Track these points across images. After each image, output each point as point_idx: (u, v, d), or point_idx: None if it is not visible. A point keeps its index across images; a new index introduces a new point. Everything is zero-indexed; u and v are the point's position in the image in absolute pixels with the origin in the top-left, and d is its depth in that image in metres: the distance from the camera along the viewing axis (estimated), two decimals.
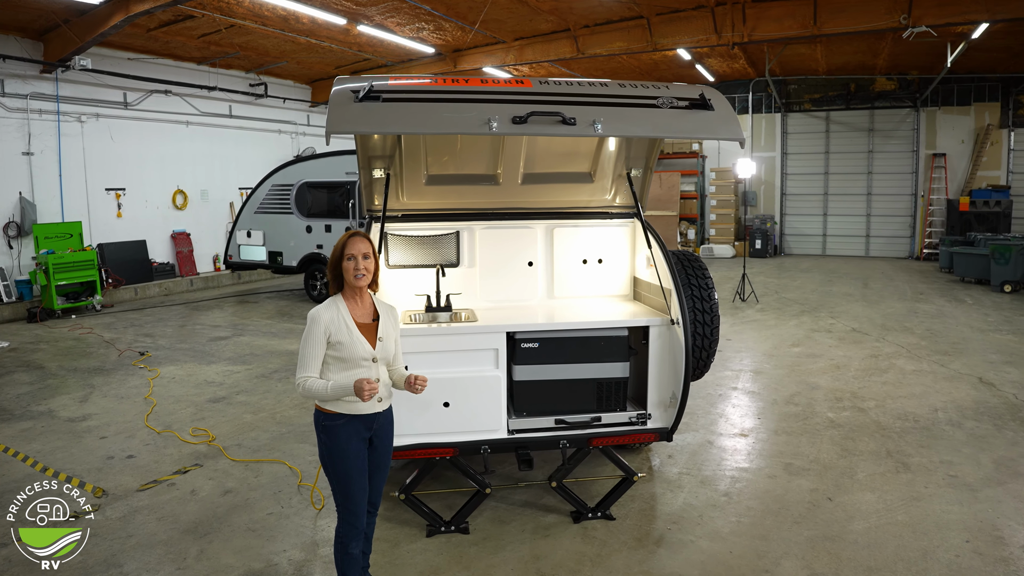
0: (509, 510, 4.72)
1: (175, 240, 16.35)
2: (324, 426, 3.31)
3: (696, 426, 6.38)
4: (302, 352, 3.23)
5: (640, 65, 18.57)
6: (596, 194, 5.12)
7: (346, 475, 3.32)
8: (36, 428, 6.71)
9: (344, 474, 3.32)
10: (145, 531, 4.60)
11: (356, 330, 3.29)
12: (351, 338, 3.27)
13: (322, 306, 3.31)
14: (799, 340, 9.81)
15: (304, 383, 3.20)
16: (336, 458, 3.31)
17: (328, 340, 3.24)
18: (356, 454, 3.33)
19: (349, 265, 3.27)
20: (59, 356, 9.66)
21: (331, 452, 3.31)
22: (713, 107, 3.51)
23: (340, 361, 3.27)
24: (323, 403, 3.30)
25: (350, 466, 3.32)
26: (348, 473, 3.32)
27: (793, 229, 21.24)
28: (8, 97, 12.68)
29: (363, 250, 3.29)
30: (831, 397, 7.17)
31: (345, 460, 3.31)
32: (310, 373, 3.22)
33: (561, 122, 3.23)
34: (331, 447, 3.31)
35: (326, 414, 3.30)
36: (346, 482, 3.33)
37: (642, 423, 4.44)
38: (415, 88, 3.32)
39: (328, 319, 3.25)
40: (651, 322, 4.42)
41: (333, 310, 3.29)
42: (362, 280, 3.30)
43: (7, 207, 12.86)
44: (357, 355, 3.27)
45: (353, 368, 3.28)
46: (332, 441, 3.30)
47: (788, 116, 20.80)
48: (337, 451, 3.30)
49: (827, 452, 5.69)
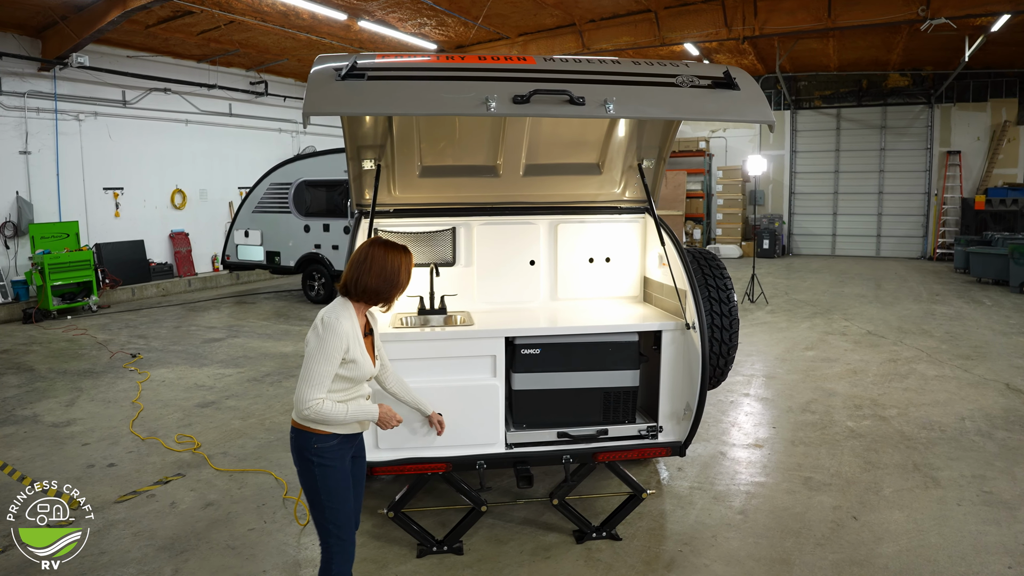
0: (507, 528, 4.39)
1: (173, 240, 16.08)
2: (318, 449, 2.85)
3: (707, 436, 6.03)
4: (315, 368, 2.74)
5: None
6: (604, 187, 4.76)
7: (343, 500, 2.94)
8: (19, 433, 6.43)
9: (342, 501, 2.93)
10: (119, 547, 4.30)
11: (364, 345, 2.93)
12: (363, 356, 2.89)
13: (340, 312, 2.85)
14: (813, 343, 9.44)
15: (317, 407, 2.73)
16: (332, 485, 2.90)
17: (344, 356, 2.82)
18: (346, 476, 2.98)
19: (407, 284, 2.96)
20: (50, 358, 9.39)
21: (327, 478, 2.88)
22: (739, 86, 3.13)
23: (347, 381, 2.87)
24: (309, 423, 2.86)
25: (342, 490, 2.94)
26: (346, 499, 2.95)
27: (802, 229, 20.82)
28: (5, 95, 12.42)
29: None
30: (850, 404, 6.81)
31: (340, 484, 2.93)
32: (321, 395, 2.75)
33: (568, 102, 2.87)
34: (327, 472, 2.88)
35: (318, 435, 2.85)
36: (341, 509, 2.94)
37: (652, 436, 4.09)
38: (405, 65, 2.99)
39: (349, 331, 2.83)
40: (664, 326, 4.07)
41: (350, 321, 2.86)
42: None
43: (3, 207, 12.61)
44: (365, 374, 2.92)
45: (356, 388, 2.93)
46: (328, 465, 2.88)
47: (798, 113, 20.39)
48: (333, 474, 2.90)
49: (849, 465, 5.34)
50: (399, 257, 2.93)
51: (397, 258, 2.92)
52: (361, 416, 2.89)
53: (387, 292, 2.91)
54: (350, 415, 2.84)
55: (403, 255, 2.95)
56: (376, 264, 2.88)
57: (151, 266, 15.27)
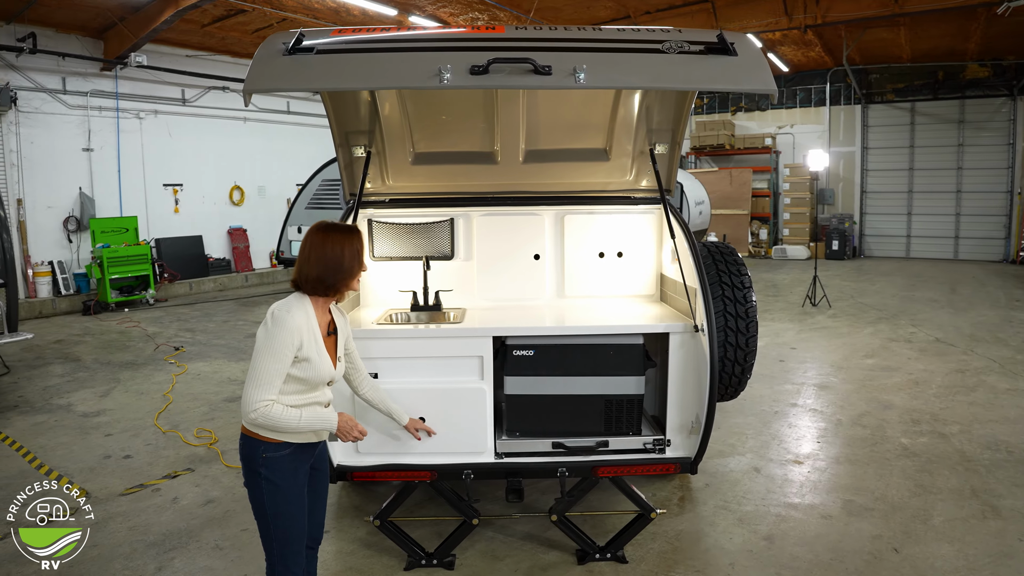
0: (505, 543, 4.09)
1: (231, 236, 16.46)
2: (267, 459, 2.59)
3: (743, 449, 5.57)
4: (263, 365, 2.50)
5: None
6: (614, 175, 4.37)
7: (292, 517, 2.67)
8: (49, 422, 6.56)
9: (290, 517, 2.67)
10: (112, 541, 4.25)
11: (323, 344, 2.67)
12: (319, 356, 2.63)
13: (293, 306, 2.62)
14: (874, 350, 8.74)
15: (265, 410, 2.48)
16: (281, 498, 2.63)
17: (296, 354, 2.57)
18: (300, 490, 2.70)
19: (358, 269, 2.69)
20: (98, 349, 9.66)
21: (276, 491, 2.62)
22: (736, 51, 2.75)
23: (300, 382, 2.61)
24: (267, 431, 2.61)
25: (294, 505, 2.67)
26: (292, 513, 2.67)
27: (874, 229, 19.60)
28: (69, 95, 12.95)
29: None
30: (906, 419, 6.19)
31: (290, 498, 2.65)
32: (271, 396, 2.50)
33: (532, 71, 2.57)
34: (276, 484, 2.61)
35: (268, 443, 2.60)
36: (290, 526, 2.68)
37: (659, 451, 3.71)
38: (357, 38, 2.74)
39: (301, 326, 2.58)
40: (671, 328, 3.68)
41: (304, 315, 2.62)
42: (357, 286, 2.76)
43: (67, 202, 13.14)
44: (323, 376, 2.65)
45: (312, 392, 2.66)
46: (277, 476, 2.61)
47: (869, 108, 19.19)
48: (283, 489, 2.63)
49: (897, 488, 4.79)
50: (341, 240, 2.66)
51: (339, 242, 2.66)
52: (317, 425, 2.63)
53: (332, 280, 2.65)
54: (304, 423, 2.57)
55: (346, 237, 2.68)
56: (315, 251, 2.64)
57: (209, 261, 15.66)
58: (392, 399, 3.26)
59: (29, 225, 12.58)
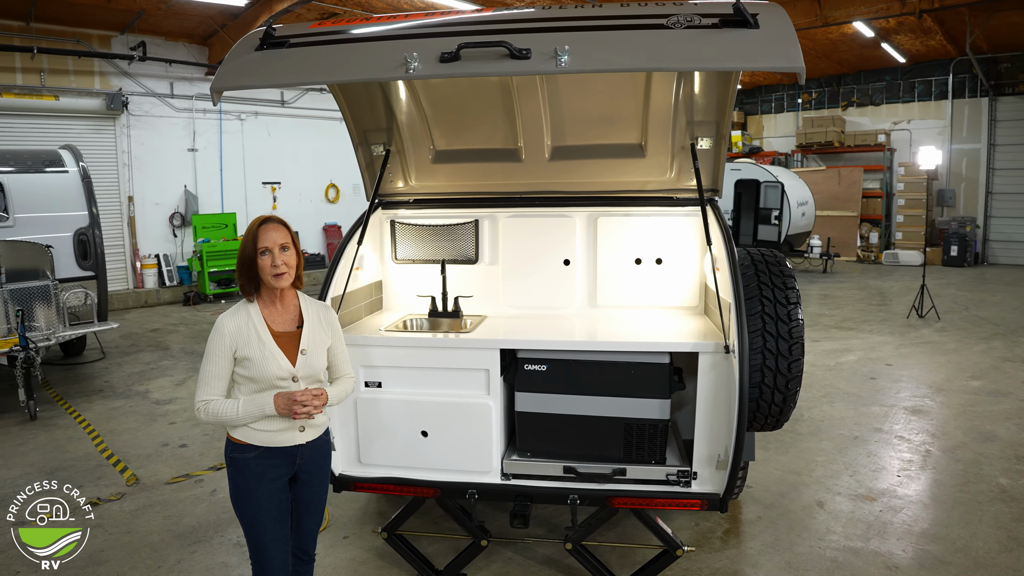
0: (522, 566, 3.85)
1: (326, 232, 17.02)
2: (232, 459, 2.69)
3: (809, 478, 5.04)
4: (202, 368, 2.67)
5: (814, 46, 16.40)
6: (652, 173, 3.96)
7: (255, 522, 2.67)
8: (124, 408, 6.93)
9: (253, 521, 2.68)
10: (145, 529, 4.39)
11: (271, 342, 2.66)
12: (262, 353, 2.63)
13: (228, 313, 2.71)
14: (982, 371, 7.78)
15: (205, 408, 2.62)
16: (245, 502, 2.67)
17: (235, 355, 2.64)
18: (269, 497, 2.67)
19: (265, 261, 2.63)
20: (188, 339, 10.19)
21: (238, 492, 2.69)
22: (757, 23, 2.36)
23: (250, 381, 2.66)
24: (233, 430, 2.69)
25: (260, 512, 2.66)
26: (257, 520, 2.67)
27: (1000, 234, 17.66)
28: (176, 98, 13.80)
29: (279, 240, 2.65)
30: (1010, 455, 5.41)
31: (253, 504, 2.66)
32: (209, 396, 2.63)
33: (508, 56, 2.32)
34: (239, 486, 2.68)
35: (234, 444, 2.68)
36: (259, 533, 2.68)
37: (684, 483, 3.33)
38: (330, 30, 2.58)
39: (234, 329, 2.65)
40: (700, 347, 3.29)
41: (242, 317, 2.68)
42: (283, 280, 2.66)
43: (173, 199, 14.03)
44: (270, 374, 2.64)
45: (267, 390, 2.66)
46: (241, 479, 2.67)
47: (997, 101, 17.27)
48: (245, 492, 2.67)
49: (985, 538, 4.15)
50: (244, 237, 2.67)
51: (243, 239, 2.67)
52: (254, 411, 2.61)
53: (245, 271, 2.66)
54: (242, 412, 2.60)
55: (247, 231, 2.66)
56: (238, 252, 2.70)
57: (304, 256, 16.22)
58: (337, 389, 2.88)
59: (138, 220, 13.51)
